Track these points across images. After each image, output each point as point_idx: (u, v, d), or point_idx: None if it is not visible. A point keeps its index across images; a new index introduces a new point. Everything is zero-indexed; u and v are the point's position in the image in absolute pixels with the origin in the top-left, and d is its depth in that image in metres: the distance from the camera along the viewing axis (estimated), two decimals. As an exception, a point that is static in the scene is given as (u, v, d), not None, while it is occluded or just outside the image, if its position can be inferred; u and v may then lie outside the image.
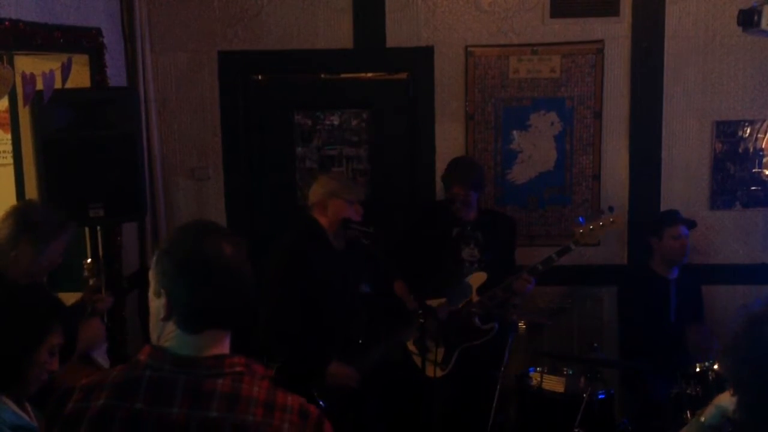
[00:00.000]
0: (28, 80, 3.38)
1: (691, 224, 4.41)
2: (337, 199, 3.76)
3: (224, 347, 1.72)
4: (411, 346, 4.08)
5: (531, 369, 4.13)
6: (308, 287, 3.63)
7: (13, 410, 2.21)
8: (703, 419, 2.23)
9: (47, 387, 2.26)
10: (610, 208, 4.15)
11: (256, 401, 1.64)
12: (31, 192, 4.09)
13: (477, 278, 4.15)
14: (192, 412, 1.62)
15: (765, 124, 4.64)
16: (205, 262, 1.68)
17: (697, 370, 3.60)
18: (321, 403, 3.51)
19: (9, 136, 4.33)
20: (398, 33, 4.64)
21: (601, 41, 4.62)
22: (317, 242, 3.74)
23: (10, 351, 2.21)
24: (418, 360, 4.04)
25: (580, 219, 4.14)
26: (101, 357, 3.25)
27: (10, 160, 4.31)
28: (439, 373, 3.99)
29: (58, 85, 3.49)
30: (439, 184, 4.49)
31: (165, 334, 1.71)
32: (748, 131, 4.65)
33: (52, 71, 3.45)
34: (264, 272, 3.57)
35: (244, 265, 1.72)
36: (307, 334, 3.63)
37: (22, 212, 3.04)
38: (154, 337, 1.75)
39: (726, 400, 2.13)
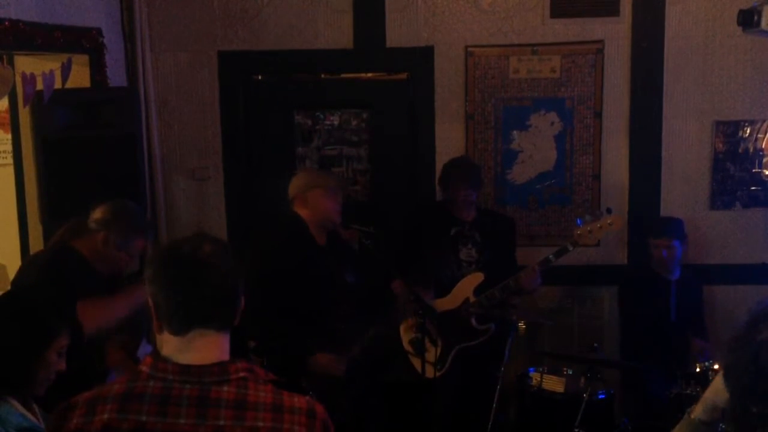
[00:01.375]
0: (28, 80, 3.39)
1: (678, 235, 4.36)
2: (316, 189, 3.74)
3: (223, 352, 1.71)
4: (407, 346, 4.08)
5: (531, 369, 4.13)
6: (291, 283, 3.58)
7: (19, 412, 2.21)
8: (693, 416, 2.22)
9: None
10: (608, 210, 4.14)
11: (263, 406, 1.64)
12: (31, 192, 4.09)
13: (474, 278, 4.15)
14: (200, 422, 1.61)
15: (765, 124, 4.63)
16: (181, 258, 1.69)
17: (697, 370, 3.61)
18: (311, 393, 3.48)
19: (9, 136, 4.35)
20: (398, 33, 4.64)
21: (601, 41, 4.61)
22: (299, 237, 3.70)
23: (20, 353, 2.22)
24: (415, 361, 4.02)
25: (578, 221, 4.14)
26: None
27: (10, 160, 4.32)
28: (437, 373, 3.98)
29: (58, 85, 3.50)
30: (439, 184, 4.49)
31: (164, 344, 1.72)
32: (748, 131, 4.64)
33: (52, 71, 3.46)
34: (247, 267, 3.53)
35: (223, 262, 1.71)
36: (290, 325, 3.58)
37: (116, 206, 3.24)
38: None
39: (715, 394, 2.12)
